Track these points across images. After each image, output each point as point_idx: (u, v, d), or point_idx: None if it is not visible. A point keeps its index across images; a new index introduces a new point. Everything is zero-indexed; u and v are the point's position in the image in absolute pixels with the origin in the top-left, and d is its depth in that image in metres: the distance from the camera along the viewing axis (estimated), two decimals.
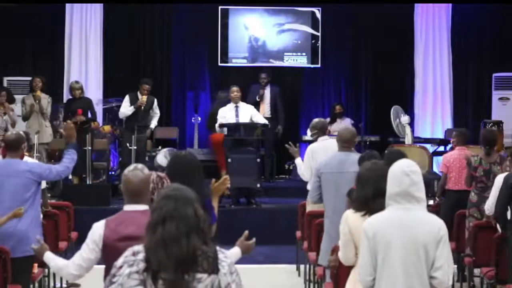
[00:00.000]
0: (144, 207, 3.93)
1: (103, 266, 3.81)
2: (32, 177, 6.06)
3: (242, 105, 11.14)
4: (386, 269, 3.81)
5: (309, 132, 8.53)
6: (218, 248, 3.15)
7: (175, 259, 3.01)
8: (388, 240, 3.80)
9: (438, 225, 3.86)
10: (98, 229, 3.93)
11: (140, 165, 4.06)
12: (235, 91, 11.14)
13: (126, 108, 11.32)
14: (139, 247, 3.12)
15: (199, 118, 13.06)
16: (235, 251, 4.14)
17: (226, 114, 10.96)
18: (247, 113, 10.97)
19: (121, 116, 11.51)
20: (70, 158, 6.39)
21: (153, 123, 11.56)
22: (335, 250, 5.79)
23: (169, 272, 3.01)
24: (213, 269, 3.07)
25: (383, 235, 3.82)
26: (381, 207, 4.27)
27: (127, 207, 3.96)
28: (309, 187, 8.16)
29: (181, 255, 3.01)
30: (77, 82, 11.58)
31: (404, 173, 3.84)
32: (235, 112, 10.96)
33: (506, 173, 6.85)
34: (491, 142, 7.80)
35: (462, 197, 7.97)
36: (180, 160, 4.87)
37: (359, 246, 4.43)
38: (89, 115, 11.30)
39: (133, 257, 3.10)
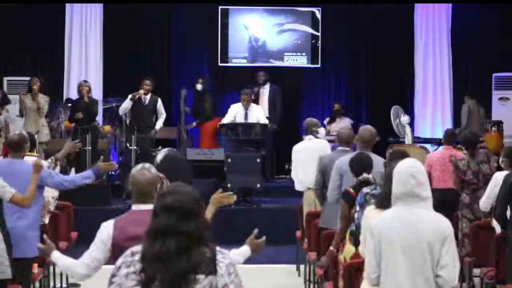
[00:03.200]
0: (151, 206, 3.93)
1: (110, 266, 3.80)
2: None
3: (252, 108, 11.10)
4: (390, 266, 3.82)
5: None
6: (218, 248, 3.13)
7: (172, 275, 2.99)
8: (392, 238, 3.82)
9: (443, 223, 3.88)
10: (106, 228, 3.95)
11: (147, 165, 4.08)
12: (245, 99, 11.03)
13: (125, 103, 11.29)
14: (138, 248, 3.11)
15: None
16: (244, 250, 4.15)
17: (236, 114, 10.94)
18: (255, 116, 10.96)
19: (121, 112, 11.40)
20: (83, 177, 6.37)
21: (158, 124, 11.51)
22: (329, 237, 5.85)
23: (164, 285, 3.00)
24: (211, 270, 3.05)
25: (388, 233, 3.83)
26: None
27: (135, 207, 4.00)
28: (298, 187, 8.28)
29: (180, 270, 2.99)
30: (85, 81, 11.62)
31: (409, 174, 3.86)
32: (244, 116, 10.97)
33: (505, 172, 6.85)
34: (473, 143, 7.76)
35: (445, 196, 7.82)
36: (170, 160, 4.90)
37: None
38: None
39: (130, 258, 3.10)
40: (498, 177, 6.83)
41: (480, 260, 7.00)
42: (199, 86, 12.56)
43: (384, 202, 4.45)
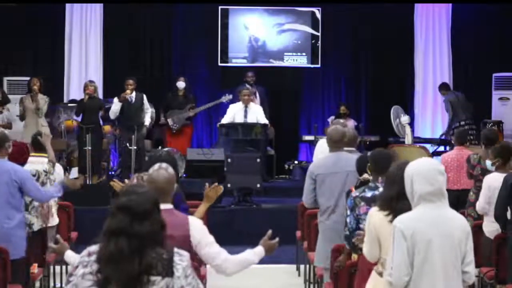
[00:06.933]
0: (168, 206, 3.96)
1: None
2: (15, 179, 6.06)
3: (252, 106, 11.10)
4: (426, 267, 3.80)
5: None
6: (175, 250, 3.12)
7: (126, 276, 2.99)
8: (428, 239, 3.80)
9: (464, 220, 3.93)
10: None
11: (164, 164, 4.06)
12: (245, 94, 11.04)
13: (114, 106, 11.37)
14: (94, 248, 3.09)
15: None
16: (259, 250, 4.13)
17: (235, 113, 10.94)
18: (254, 115, 10.95)
19: (111, 115, 11.49)
20: (56, 190, 6.52)
21: (147, 120, 11.59)
22: (338, 250, 5.77)
23: (119, 286, 3.00)
24: (167, 272, 3.04)
25: (423, 234, 3.80)
26: (404, 207, 4.24)
27: None
28: None
29: (132, 272, 2.99)
30: (91, 81, 11.63)
31: (439, 172, 3.85)
32: (243, 113, 10.96)
33: (493, 173, 6.86)
34: (491, 141, 7.73)
35: (460, 197, 7.92)
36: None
37: (382, 243, 4.41)
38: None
39: (87, 258, 3.09)
40: (488, 180, 6.85)
41: (480, 260, 6.99)
42: (182, 84, 12.41)
43: (387, 203, 4.41)
